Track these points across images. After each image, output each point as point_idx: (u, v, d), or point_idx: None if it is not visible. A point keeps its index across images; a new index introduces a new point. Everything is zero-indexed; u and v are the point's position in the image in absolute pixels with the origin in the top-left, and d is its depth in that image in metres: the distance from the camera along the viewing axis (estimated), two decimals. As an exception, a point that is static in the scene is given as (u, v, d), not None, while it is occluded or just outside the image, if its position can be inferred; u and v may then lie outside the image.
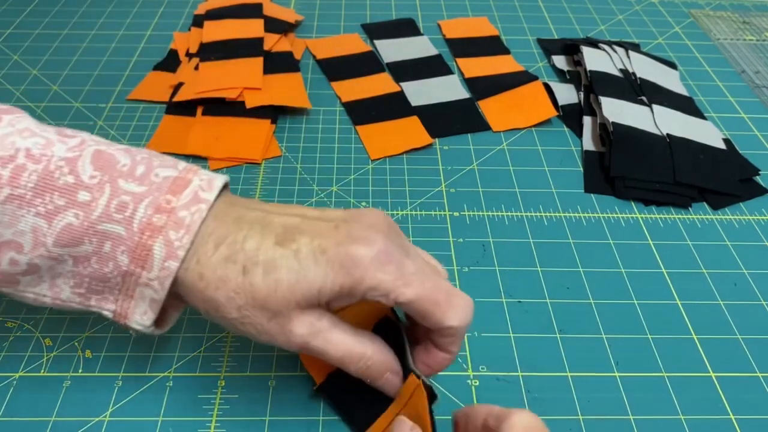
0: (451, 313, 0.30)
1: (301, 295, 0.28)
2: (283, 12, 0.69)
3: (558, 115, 0.57)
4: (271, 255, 0.29)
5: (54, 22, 0.69)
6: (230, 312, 0.29)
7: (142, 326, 0.31)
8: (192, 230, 0.29)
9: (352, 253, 0.28)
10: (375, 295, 0.29)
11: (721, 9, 0.76)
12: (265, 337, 0.30)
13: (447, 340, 0.31)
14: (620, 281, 0.43)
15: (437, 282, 0.30)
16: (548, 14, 0.73)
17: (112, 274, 0.30)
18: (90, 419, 0.34)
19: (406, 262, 0.29)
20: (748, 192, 0.50)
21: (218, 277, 0.29)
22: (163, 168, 0.31)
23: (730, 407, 0.36)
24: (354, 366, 0.30)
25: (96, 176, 0.29)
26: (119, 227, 0.29)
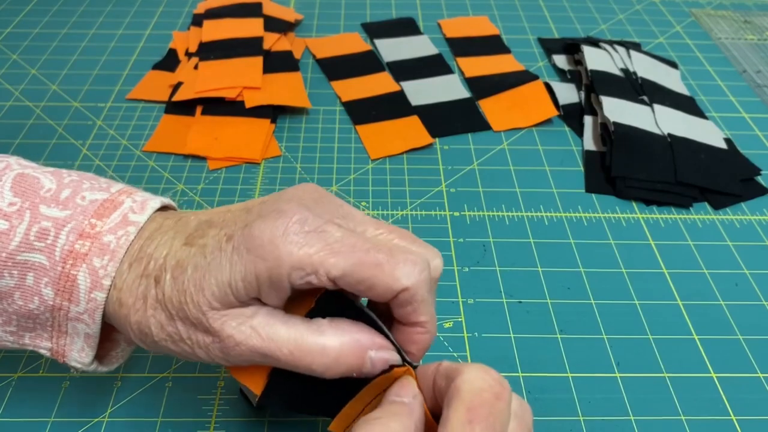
0: (398, 271, 0.24)
1: (211, 293, 0.25)
2: (282, 11, 0.69)
3: (559, 114, 0.57)
4: (179, 257, 0.26)
5: (53, 21, 0.69)
6: (158, 334, 0.26)
7: (81, 364, 0.28)
8: (117, 256, 0.26)
9: (256, 233, 0.24)
10: (303, 278, 0.24)
11: (723, 8, 0.76)
12: (205, 355, 0.26)
13: (407, 309, 0.25)
14: (621, 281, 0.43)
15: (375, 244, 0.25)
16: (549, 13, 0.73)
17: (39, 310, 0.27)
18: (89, 420, 0.34)
19: (329, 229, 0.25)
20: (750, 192, 0.50)
21: (135, 297, 0.26)
22: (93, 191, 0.28)
23: (731, 408, 0.36)
24: (316, 363, 0.25)
25: (15, 203, 0.27)
26: (40, 256, 0.26)
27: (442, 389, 0.24)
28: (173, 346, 0.26)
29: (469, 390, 0.23)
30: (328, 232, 0.25)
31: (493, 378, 0.23)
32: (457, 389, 0.23)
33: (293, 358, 0.25)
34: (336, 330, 0.25)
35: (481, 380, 0.23)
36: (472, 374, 0.23)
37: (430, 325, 0.26)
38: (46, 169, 0.29)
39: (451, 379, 0.23)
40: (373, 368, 0.26)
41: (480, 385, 0.23)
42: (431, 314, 0.26)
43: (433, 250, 0.27)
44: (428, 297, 0.26)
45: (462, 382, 0.23)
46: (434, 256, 0.27)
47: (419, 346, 0.27)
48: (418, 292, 0.25)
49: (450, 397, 0.23)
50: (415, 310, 0.25)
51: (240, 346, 0.25)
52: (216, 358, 0.26)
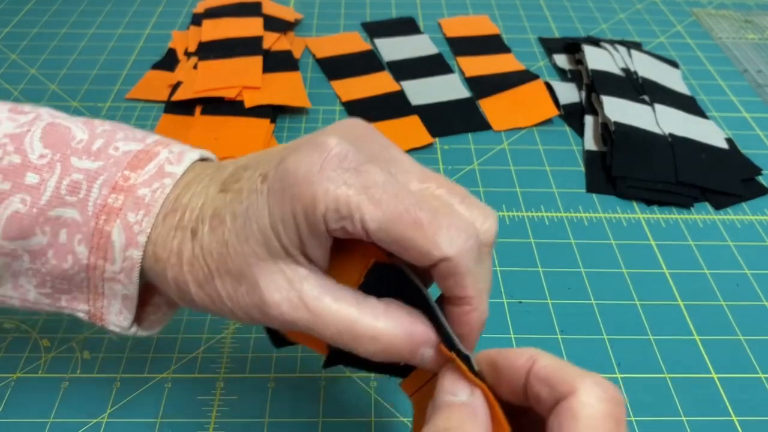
0: (440, 237, 0.21)
1: (255, 241, 0.22)
2: (282, 11, 0.69)
3: (559, 114, 0.57)
4: (215, 205, 0.24)
5: (52, 21, 0.68)
6: (196, 293, 0.24)
7: (120, 328, 0.27)
8: (152, 211, 0.24)
9: (291, 168, 0.22)
10: (338, 222, 0.21)
11: (724, 8, 0.75)
12: (245, 317, 0.24)
13: (449, 282, 0.22)
14: (622, 282, 0.42)
15: (419, 198, 0.22)
16: (549, 13, 0.73)
17: (73, 269, 0.26)
18: (88, 420, 0.34)
19: (372, 170, 0.22)
20: (751, 192, 0.50)
21: (170, 251, 0.24)
22: (127, 142, 0.26)
23: (732, 408, 0.35)
24: (363, 348, 0.22)
25: (46, 155, 0.25)
26: (73, 211, 0.25)
27: (542, 398, 0.20)
28: (212, 307, 0.24)
29: (590, 417, 0.19)
30: (369, 173, 0.22)
31: (614, 399, 0.19)
32: (574, 415, 0.19)
33: (339, 338, 0.22)
34: (389, 319, 0.22)
35: (604, 404, 0.19)
36: (591, 396, 0.19)
37: (477, 301, 0.23)
38: (77, 118, 0.27)
39: (559, 393, 0.20)
40: (422, 363, 0.23)
41: (603, 412, 0.19)
42: (478, 289, 0.22)
43: (486, 209, 0.24)
44: (474, 269, 0.22)
45: (580, 407, 0.19)
46: (486, 218, 0.23)
47: (468, 327, 0.23)
48: (461, 263, 0.21)
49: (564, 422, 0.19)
50: (458, 284, 0.22)
51: (284, 316, 0.23)
52: (257, 321, 0.24)
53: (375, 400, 0.35)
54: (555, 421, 0.20)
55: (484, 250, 0.23)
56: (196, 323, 0.39)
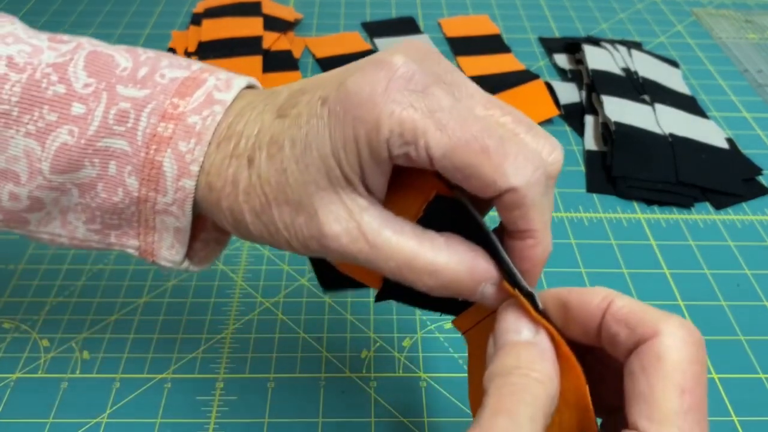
0: (507, 166, 0.20)
1: (316, 169, 0.21)
2: (282, 10, 0.69)
3: (559, 114, 0.57)
4: (272, 131, 0.23)
5: (52, 21, 0.68)
6: (253, 222, 0.23)
7: (172, 263, 0.26)
8: (204, 139, 0.24)
9: (353, 89, 0.21)
10: (401, 147, 0.20)
11: (724, 7, 0.75)
12: (301, 248, 0.23)
13: (515, 214, 0.21)
14: (622, 282, 0.42)
15: (487, 124, 0.21)
16: (549, 12, 0.73)
17: (124, 203, 0.25)
18: (88, 421, 0.34)
19: (438, 93, 0.21)
20: (751, 192, 0.50)
21: (225, 181, 0.23)
22: (172, 69, 0.25)
23: (732, 409, 0.35)
24: (422, 283, 0.22)
25: (91, 84, 0.24)
26: (122, 141, 0.24)
27: (620, 339, 0.20)
28: (269, 238, 0.24)
29: (678, 362, 0.18)
30: (435, 96, 0.21)
31: (698, 342, 0.19)
32: (660, 358, 0.19)
33: (399, 272, 0.22)
34: (451, 252, 0.22)
35: (689, 347, 0.19)
36: (676, 339, 0.19)
37: (541, 235, 0.22)
38: (120, 47, 0.26)
39: (642, 335, 0.19)
40: (483, 299, 0.23)
41: (690, 356, 0.19)
42: (544, 223, 0.22)
43: (552, 140, 0.23)
44: (541, 201, 0.21)
45: (666, 350, 0.19)
46: (552, 149, 0.22)
47: (531, 262, 0.22)
48: (528, 194, 0.21)
49: (648, 365, 0.19)
50: (523, 216, 0.21)
51: (343, 249, 0.22)
52: (314, 253, 0.23)
53: (375, 400, 0.35)
54: (637, 363, 0.19)
55: (550, 183, 0.22)
56: (196, 323, 0.39)
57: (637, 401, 0.19)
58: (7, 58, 0.24)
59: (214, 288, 0.41)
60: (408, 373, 0.37)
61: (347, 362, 0.37)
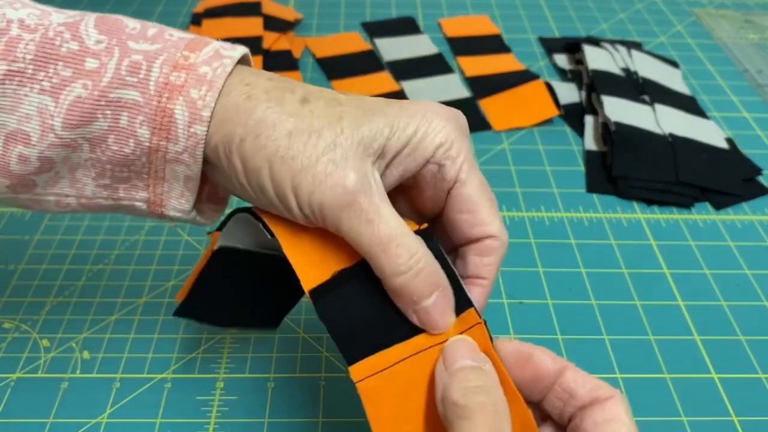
0: (498, 221, 0.26)
1: (369, 130, 0.24)
2: (282, 10, 0.69)
3: (559, 114, 0.57)
4: (333, 95, 0.26)
5: (53, 20, 0.68)
6: (277, 138, 0.24)
7: (181, 212, 0.27)
8: (216, 87, 0.25)
9: (433, 104, 0.26)
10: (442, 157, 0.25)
11: (724, 8, 0.75)
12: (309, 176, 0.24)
13: (485, 260, 0.26)
14: (622, 282, 0.42)
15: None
16: (550, 13, 0.73)
17: (134, 154, 0.26)
18: (88, 421, 0.34)
19: (470, 146, 0.27)
20: (751, 192, 0.50)
21: (273, 100, 0.25)
22: (179, 32, 0.27)
23: (732, 409, 0.35)
24: (396, 262, 0.24)
25: (102, 41, 0.25)
26: (134, 92, 0.25)
27: (576, 393, 0.24)
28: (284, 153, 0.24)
29: (631, 422, 0.24)
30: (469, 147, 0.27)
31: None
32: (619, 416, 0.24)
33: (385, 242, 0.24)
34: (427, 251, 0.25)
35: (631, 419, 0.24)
36: (626, 405, 0.24)
37: (489, 286, 0.27)
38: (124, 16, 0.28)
39: (599, 394, 0.24)
40: (432, 307, 0.24)
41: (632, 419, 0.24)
42: (493, 279, 0.27)
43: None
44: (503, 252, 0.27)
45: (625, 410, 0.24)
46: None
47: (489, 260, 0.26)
48: (501, 247, 0.26)
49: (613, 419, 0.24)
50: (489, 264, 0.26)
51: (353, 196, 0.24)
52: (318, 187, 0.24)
53: (375, 400, 0.35)
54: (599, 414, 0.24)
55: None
56: (195, 323, 0.39)
57: None
58: (18, 21, 0.25)
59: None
60: (408, 373, 0.37)
61: (347, 362, 0.37)
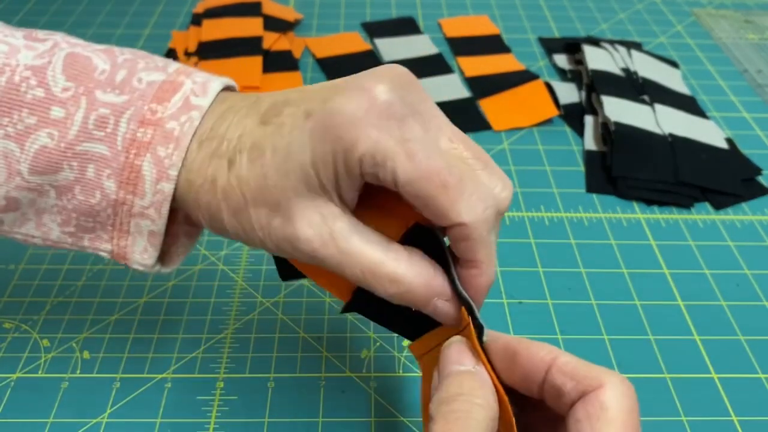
0: (461, 203, 0.23)
1: (295, 176, 0.23)
2: (282, 10, 0.69)
3: (559, 114, 0.57)
4: (255, 137, 0.24)
5: (52, 21, 0.68)
6: (229, 220, 0.25)
7: (143, 266, 0.27)
8: (182, 144, 0.25)
9: (337, 109, 0.22)
10: (373, 167, 0.23)
11: (724, 8, 0.75)
12: (274, 247, 0.25)
13: (463, 245, 0.24)
14: (622, 282, 0.42)
15: (449, 162, 0.23)
16: (549, 13, 0.73)
17: (100, 205, 0.26)
18: (88, 421, 0.34)
19: (412, 124, 0.23)
20: (751, 192, 0.50)
21: (205, 178, 0.25)
22: (149, 71, 0.26)
23: (732, 409, 0.35)
24: (383, 289, 0.24)
25: (69, 88, 0.25)
26: (101, 146, 0.25)
27: (566, 391, 0.21)
28: (243, 236, 0.25)
29: (618, 410, 0.21)
30: (409, 126, 0.23)
31: (635, 397, 0.21)
32: (603, 407, 0.20)
33: (363, 278, 0.24)
34: (411, 266, 0.24)
35: (629, 399, 0.21)
36: (619, 391, 0.21)
37: (486, 266, 0.24)
38: (97, 46, 0.27)
39: (587, 387, 0.21)
40: (435, 313, 0.25)
41: (630, 407, 0.21)
42: (488, 256, 0.24)
43: (505, 179, 0.25)
44: (488, 237, 0.24)
45: (609, 400, 0.21)
46: (504, 188, 0.24)
47: (474, 289, 0.24)
48: (476, 230, 0.23)
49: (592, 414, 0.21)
50: (470, 248, 0.24)
51: (314, 252, 0.24)
52: (285, 253, 0.25)
53: (375, 400, 0.35)
54: (582, 411, 0.21)
55: (499, 217, 0.24)
56: (196, 323, 0.39)
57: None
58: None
59: (214, 288, 0.41)
60: (408, 373, 0.37)
61: (347, 362, 0.37)
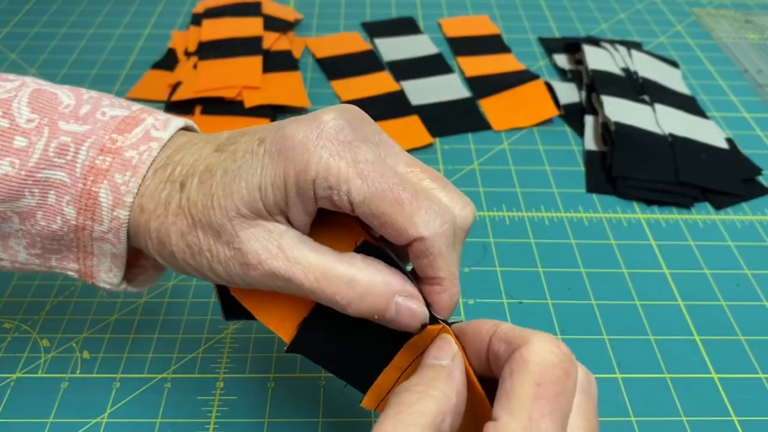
0: (417, 217, 0.23)
1: (240, 198, 0.23)
2: (282, 10, 0.69)
3: (559, 114, 0.57)
4: (208, 162, 0.25)
5: (52, 20, 0.68)
6: (177, 243, 0.25)
7: (110, 285, 0.28)
8: (139, 172, 0.25)
9: (289, 134, 0.23)
10: (326, 190, 0.23)
11: (724, 8, 0.75)
12: (223, 272, 0.24)
13: (423, 262, 0.24)
14: (622, 282, 0.42)
15: (404, 180, 0.23)
16: (549, 12, 0.73)
17: (62, 230, 0.26)
18: (88, 421, 0.34)
19: (363, 147, 0.23)
20: (751, 192, 0.50)
21: (157, 203, 0.25)
22: (113, 108, 0.27)
23: (732, 409, 0.35)
24: (340, 296, 0.23)
25: (34, 119, 0.26)
26: (61, 173, 0.26)
27: (499, 354, 0.22)
28: (191, 260, 0.25)
29: (538, 363, 0.21)
30: (360, 150, 0.23)
31: (564, 353, 0.21)
32: (524, 360, 0.21)
33: (318, 285, 0.23)
34: (368, 266, 0.24)
35: (552, 354, 0.21)
36: (541, 346, 0.21)
37: (448, 283, 0.24)
38: (65, 87, 0.28)
39: (515, 346, 0.21)
40: (398, 315, 0.24)
41: (551, 360, 0.21)
42: (450, 271, 0.24)
43: (464, 198, 0.25)
44: (447, 252, 0.24)
45: (530, 354, 0.21)
46: (464, 206, 0.25)
47: (439, 307, 0.25)
48: (434, 244, 0.23)
49: (514, 367, 0.21)
50: (430, 264, 0.24)
51: (263, 265, 0.24)
52: (234, 276, 0.25)
53: (375, 400, 0.35)
54: (507, 369, 0.21)
55: (460, 235, 0.25)
56: (196, 323, 0.39)
57: (500, 398, 0.21)
58: None
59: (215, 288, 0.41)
60: (408, 373, 0.37)
61: (347, 362, 0.37)
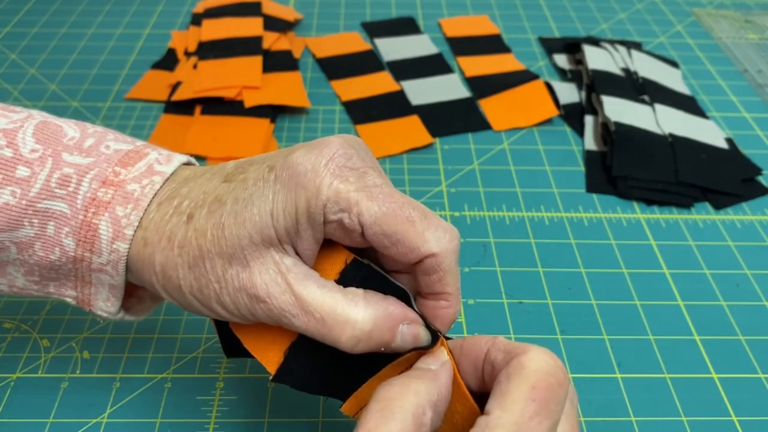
0: (429, 234, 0.24)
1: (252, 225, 0.23)
2: (282, 10, 0.69)
3: (559, 114, 0.57)
4: (218, 192, 0.25)
5: (52, 20, 0.68)
6: (184, 276, 0.25)
7: (107, 314, 0.28)
8: (141, 205, 0.25)
9: (299, 161, 0.23)
10: (336, 214, 0.23)
11: (724, 8, 0.75)
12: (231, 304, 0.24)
13: (432, 278, 0.24)
14: (622, 282, 0.42)
15: (410, 200, 0.24)
16: (549, 12, 0.73)
17: (60, 261, 0.26)
18: (88, 421, 0.34)
19: (372, 174, 0.24)
20: (751, 192, 0.50)
21: (162, 235, 0.25)
22: (117, 142, 0.27)
23: (732, 409, 0.35)
24: (347, 335, 0.24)
25: (38, 150, 0.26)
26: (62, 204, 0.25)
27: (497, 362, 0.23)
28: (198, 294, 0.25)
29: (535, 369, 0.22)
30: (369, 175, 0.24)
31: (558, 365, 0.22)
32: (522, 366, 0.22)
33: (323, 326, 0.24)
34: (369, 303, 0.24)
35: (548, 364, 0.22)
36: (539, 356, 0.22)
37: (454, 299, 0.25)
38: (70, 121, 0.28)
39: (513, 355, 0.22)
40: (403, 342, 0.24)
41: (547, 369, 0.22)
42: (456, 288, 0.25)
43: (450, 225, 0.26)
44: (455, 268, 0.25)
45: (528, 361, 0.22)
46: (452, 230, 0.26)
47: (442, 321, 0.25)
48: (445, 260, 0.24)
49: (511, 372, 0.22)
50: (440, 280, 0.24)
51: (271, 301, 0.24)
52: (242, 309, 0.25)
53: (375, 400, 0.35)
54: (504, 373, 0.22)
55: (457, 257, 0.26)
56: (196, 323, 0.39)
57: (494, 396, 0.22)
58: None
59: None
60: (408, 373, 0.37)
61: (347, 362, 0.37)
